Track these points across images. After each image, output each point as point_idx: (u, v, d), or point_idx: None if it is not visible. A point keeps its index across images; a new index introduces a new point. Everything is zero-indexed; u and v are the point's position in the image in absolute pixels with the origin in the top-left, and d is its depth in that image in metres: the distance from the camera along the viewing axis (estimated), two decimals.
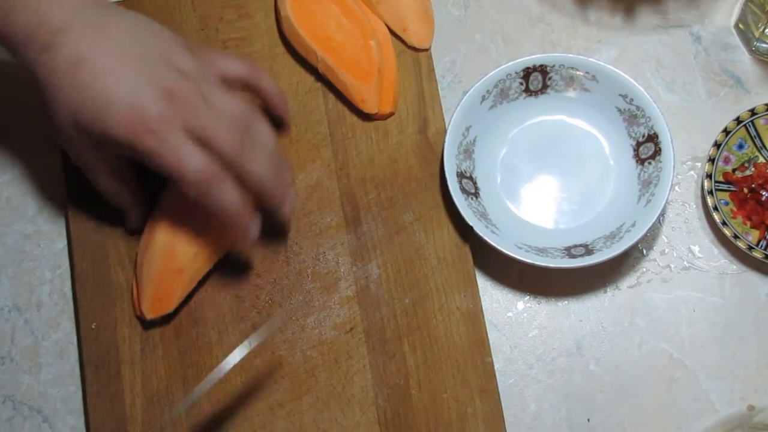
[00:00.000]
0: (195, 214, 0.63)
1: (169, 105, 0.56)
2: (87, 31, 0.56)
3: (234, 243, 0.65)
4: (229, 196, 0.59)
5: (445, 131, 0.69)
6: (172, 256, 0.64)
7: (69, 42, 0.55)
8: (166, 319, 0.66)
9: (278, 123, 0.68)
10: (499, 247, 0.65)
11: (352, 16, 0.72)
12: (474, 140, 0.70)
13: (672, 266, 0.70)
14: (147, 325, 0.66)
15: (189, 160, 0.56)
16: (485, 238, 0.66)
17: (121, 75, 0.56)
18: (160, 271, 0.64)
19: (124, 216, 0.67)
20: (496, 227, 0.68)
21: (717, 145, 0.70)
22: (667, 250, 0.71)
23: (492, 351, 0.66)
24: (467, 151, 0.70)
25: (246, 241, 0.62)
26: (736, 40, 0.75)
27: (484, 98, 0.70)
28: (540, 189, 0.71)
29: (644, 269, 0.70)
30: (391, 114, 0.71)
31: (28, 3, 0.56)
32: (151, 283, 0.64)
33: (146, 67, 0.57)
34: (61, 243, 0.70)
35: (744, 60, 0.75)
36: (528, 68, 0.70)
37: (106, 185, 0.63)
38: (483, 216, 0.68)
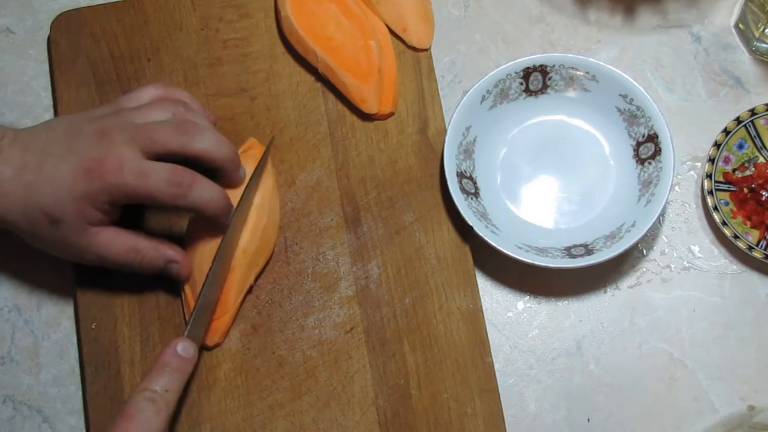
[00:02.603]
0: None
1: (105, 140, 0.59)
2: (12, 149, 0.60)
3: (216, 223, 0.65)
4: (206, 191, 0.61)
5: (445, 131, 0.69)
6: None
7: (2, 164, 0.59)
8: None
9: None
10: (499, 247, 0.65)
11: (352, 16, 0.72)
12: (474, 140, 0.70)
13: (672, 266, 0.70)
14: (209, 348, 0.66)
15: (152, 175, 0.59)
16: (485, 238, 0.66)
17: (54, 153, 0.60)
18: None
19: (173, 269, 0.64)
20: (496, 227, 0.68)
21: (717, 145, 0.70)
22: (667, 250, 0.71)
23: (492, 351, 0.66)
24: (467, 151, 0.70)
25: (227, 219, 0.64)
26: (736, 40, 0.75)
27: (484, 98, 0.70)
28: (540, 189, 0.71)
29: (644, 269, 0.70)
30: (391, 114, 0.71)
31: None
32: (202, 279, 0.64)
33: (71, 134, 0.60)
34: None
35: (744, 60, 0.75)
36: (528, 68, 0.70)
37: (127, 254, 0.62)
38: (483, 216, 0.68)
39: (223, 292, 0.65)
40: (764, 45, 0.74)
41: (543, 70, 0.70)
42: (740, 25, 0.75)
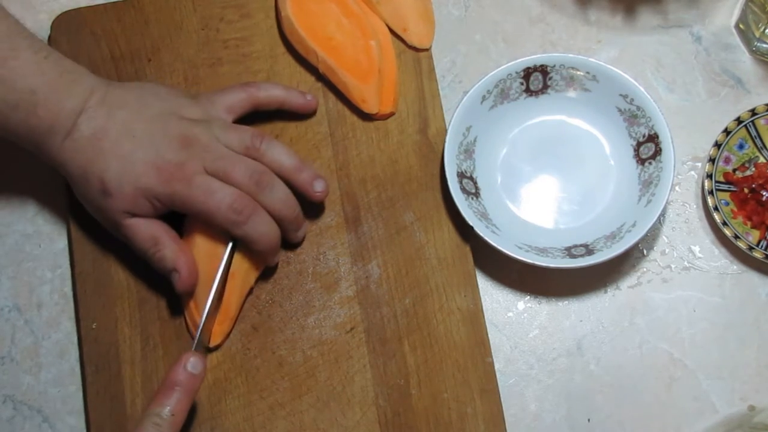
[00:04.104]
0: None
1: (186, 150, 0.61)
2: (99, 109, 0.62)
3: (264, 262, 0.66)
4: (262, 226, 0.62)
5: (446, 131, 0.69)
6: (218, 259, 0.64)
7: (85, 121, 0.61)
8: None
9: (307, 115, 0.71)
10: (499, 247, 0.65)
11: (353, 16, 0.72)
12: (474, 140, 0.70)
13: (672, 266, 0.70)
14: (211, 350, 0.66)
15: (217, 195, 0.61)
16: (485, 238, 0.66)
17: (137, 136, 0.61)
18: (212, 276, 0.64)
19: (174, 279, 0.63)
20: (497, 227, 0.68)
21: (717, 145, 0.70)
22: (667, 250, 0.71)
23: (492, 351, 0.66)
24: (467, 151, 0.70)
25: (274, 260, 0.66)
26: (737, 40, 0.75)
27: (484, 98, 0.70)
28: (540, 189, 0.71)
29: (644, 269, 0.70)
30: (392, 114, 0.71)
31: (45, 100, 0.60)
32: (206, 290, 0.64)
33: (157, 124, 0.62)
34: (61, 243, 0.70)
35: (744, 60, 0.75)
36: (528, 68, 0.70)
37: (147, 241, 0.63)
38: (483, 216, 0.68)
39: (224, 299, 0.65)
40: (765, 45, 0.74)
41: (543, 70, 0.70)
42: (741, 25, 0.75)
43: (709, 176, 0.70)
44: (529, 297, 0.70)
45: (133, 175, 0.61)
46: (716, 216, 0.68)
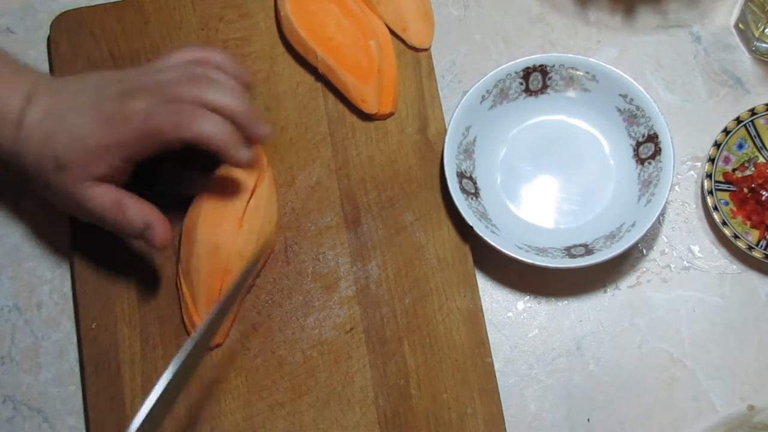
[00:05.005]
0: (229, 215, 0.64)
1: (125, 96, 0.60)
2: (45, 95, 0.62)
3: (231, 162, 0.63)
4: (209, 120, 0.60)
5: (445, 131, 0.69)
6: (218, 256, 0.64)
7: (33, 108, 0.61)
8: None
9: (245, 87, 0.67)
10: (499, 247, 0.65)
11: (352, 16, 0.72)
12: (474, 140, 0.70)
13: (672, 266, 0.70)
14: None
15: (156, 112, 0.60)
16: (485, 238, 0.66)
17: (78, 106, 0.61)
18: (209, 273, 0.64)
19: (149, 236, 0.63)
20: (496, 227, 0.68)
21: (717, 144, 0.70)
22: (667, 250, 0.71)
23: (492, 351, 0.66)
24: (467, 151, 0.70)
25: (242, 160, 0.62)
26: (736, 40, 0.75)
27: (484, 98, 0.70)
28: (540, 189, 0.71)
29: (644, 269, 0.70)
30: (391, 114, 0.71)
31: None
32: (202, 286, 0.64)
33: (98, 89, 0.62)
34: (61, 243, 0.70)
35: (744, 60, 0.75)
36: (528, 68, 0.70)
37: (111, 208, 0.63)
38: (483, 216, 0.68)
39: (222, 296, 0.64)
40: (764, 45, 0.74)
41: (543, 70, 0.70)
42: (740, 25, 0.75)
43: (709, 176, 0.70)
44: (528, 297, 0.70)
45: (81, 138, 0.60)
46: (716, 216, 0.68)
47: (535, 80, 0.71)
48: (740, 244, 0.68)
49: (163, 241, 0.62)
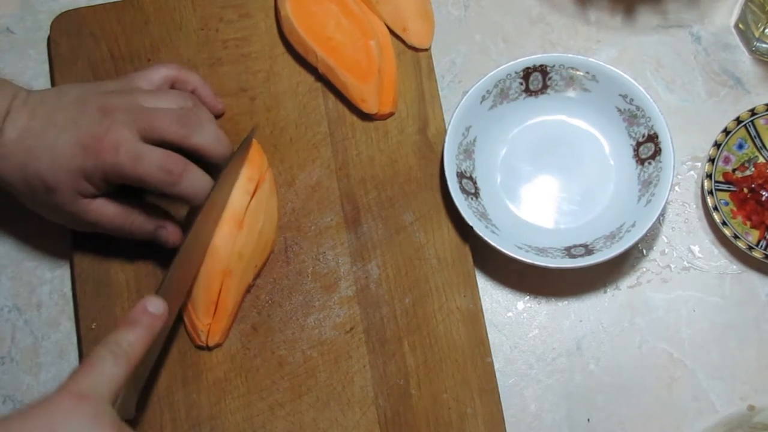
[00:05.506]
0: (229, 215, 0.64)
1: (107, 118, 0.60)
2: (22, 111, 0.61)
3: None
4: (196, 181, 0.61)
5: (445, 131, 0.69)
6: (218, 257, 0.64)
7: (10, 125, 0.60)
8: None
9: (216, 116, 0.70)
10: (499, 247, 0.65)
11: (352, 16, 0.72)
12: (474, 140, 0.70)
13: (672, 266, 0.70)
14: (206, 348, 0.66)
15: (145, 159, 0.59)
16: (485, 238, 0.66)
17: (58, 123, 0.60)
18: (209, 274, 0.64)
19: (162, 234, 0.64)
20: (496, 227, 0.68)
21: (717, 145, 0.70)
22: (667, 250, 0.71)
23: (492, 351, 0.66)
24: (467, 151, 0.70)
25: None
26: (736, 40, 0.75)
27: (484, 98, 0.70)
28: (540, 189, 0.71)
29: (644, 269, 0.70)
30: (391, 114, 0.71)
31: None
32: (202, 287, 0.64)
33: (77, 105, 0.61)
34: (62, 243, 0.70)
35: (744, 60, 0.75)
36: (528, 68, 0.70)
37: (119, 216, 0.63)
38: (483, 216, 0.68)
39: (221, 296, 0.65)
40: (764, 45, 0.74)
41: (543, 70, 0.70)
42: (740, 25, 0.75)
43: (709, 176, 0.70)
44: (528, 297, 0.70)
45: (64, 160, 0.60)
46: (716, 216, 0.68)
47: (535, 80, 0.71)
48: (740, 245, 0.68)
49: (176, 238, 0.63)
